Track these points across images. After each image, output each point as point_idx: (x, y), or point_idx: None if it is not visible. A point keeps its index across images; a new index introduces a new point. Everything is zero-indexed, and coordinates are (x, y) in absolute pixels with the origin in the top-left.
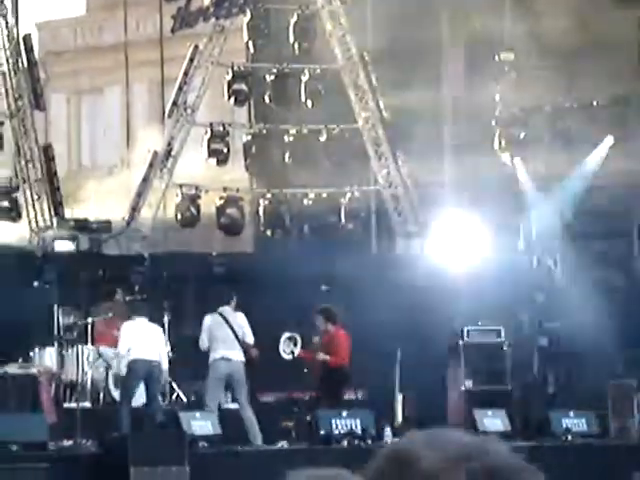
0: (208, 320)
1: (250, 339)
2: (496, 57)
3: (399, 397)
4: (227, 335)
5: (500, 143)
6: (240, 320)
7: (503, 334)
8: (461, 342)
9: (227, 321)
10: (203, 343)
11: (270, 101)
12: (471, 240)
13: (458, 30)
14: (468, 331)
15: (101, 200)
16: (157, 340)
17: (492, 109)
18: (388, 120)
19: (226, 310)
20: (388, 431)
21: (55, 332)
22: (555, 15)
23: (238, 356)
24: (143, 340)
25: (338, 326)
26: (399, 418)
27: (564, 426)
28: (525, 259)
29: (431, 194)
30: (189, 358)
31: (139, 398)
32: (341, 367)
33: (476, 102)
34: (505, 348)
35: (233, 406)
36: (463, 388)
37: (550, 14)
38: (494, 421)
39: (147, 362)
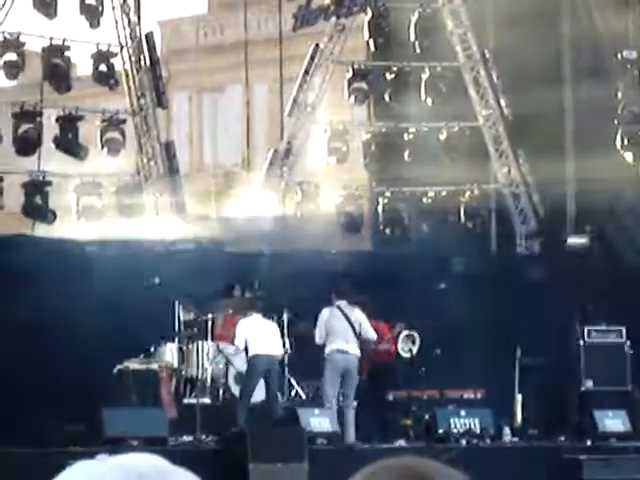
0: (325, 313)
1: (371, 334)
2: (619, 55)
3: (518, 397)
4: (345, 328)
5: (622, 142)
6: (358, 314)
7: (624, 334)
8: (582, 342)
9: (344, 314)
10: (320, 336)
11: (390, 99)
12: (590, 242)
13: (580, 27)
14: (589, 331)
15: (223, 198)
16: (275, 335)
17: (615, 107)
18: (509, 118)
19: (343, 304)
20: (507, 431)
21: (176, 328)
22: None
23: (354, 350)
24: (261, 335)
25: (379, 321)
26: (518, 418)
27: None
28: None
29: (553, 192)
30: (308, 355)
31: (257, 395)
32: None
33: (598, 100)
34: (626, 348)
35: (355, 403)
36: (583, 388)
37: None
38: (614, 422)
39: (267, 357)
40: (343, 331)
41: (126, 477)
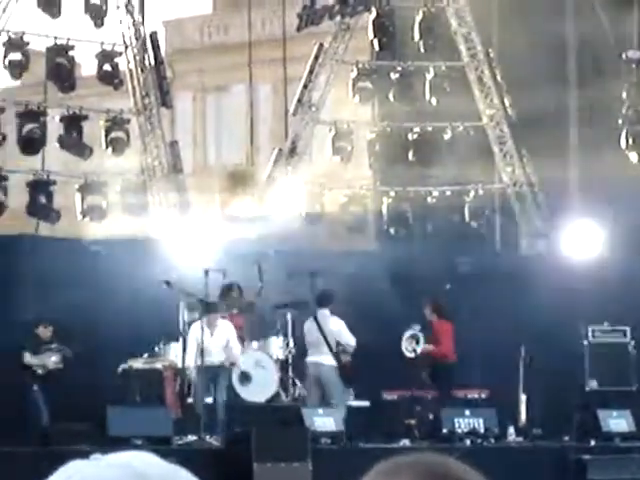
0: (306, 324)
1: (348, 340)
2: (623, 55)
3: (522, 397)
4: (316, 340)
5: (627, 141)
6: (333, 324)
7: (629, 334)
8: (586, 342)
9: (318, 325)
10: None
11: (394, 99)
12: (598, 240)
13: (585, 27)
14: (593, 331)
15: (226, 197)
16: None
17: (619, 107)
18: (513, 118)
19: (321, 314)
20: (511, 431)
21: (180, 327)
22: None
23: (325, 360)
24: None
25: (442, 320)
26: (523, 418)
27: None
28: None
29: (557, 192)
30: None
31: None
32: (445, 360)
33: (603, 100)
34: (631, 348)
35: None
36: (588, 388)
37: None
38: (618, 422)
39: None
40: (315, 343)
41: (123, 477)
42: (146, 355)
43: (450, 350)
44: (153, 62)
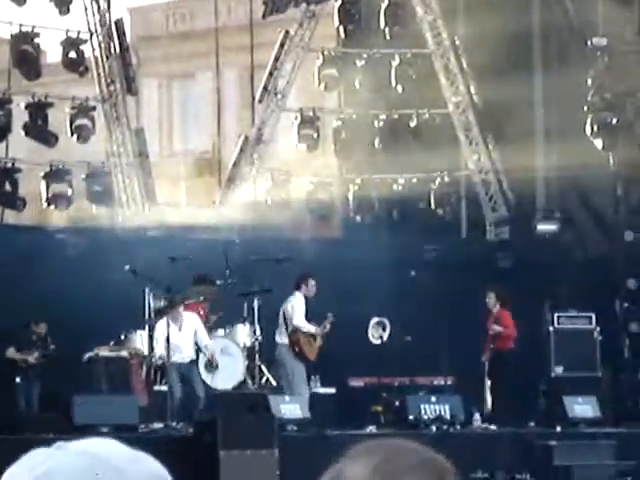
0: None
1: (297, 322)
2: (589, 42)
3: (488, 383)
4: (280, 320)
5: (592, 129)
6: (291, 304)
7: (594, 320)
8: (552, 328)
9: (284, 305)
10: None
11: (360, 86)
12: (564, 227)
13: (551, 14)
14: (559, 317)
15: (193, 184)
16: None
17: (585, 94)
18: (479, 105)
19: (293, 295)
20: (477, 417)
21: (146, 315)
22: None
23: (280, 339)
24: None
25: (504, 309)
26: (488, 404)
27: None
28: (618, 246)
29: (522, 179)
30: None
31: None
32: (504, 349)
33: (568, 87)
34: (596, 334)
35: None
36: (553, 374)
37: None
38: (584, 408)
39: None
40: (279, 323)
41: (90, 464)
42: (112, 343)
43: (514, 335)
44: (118, 49)
